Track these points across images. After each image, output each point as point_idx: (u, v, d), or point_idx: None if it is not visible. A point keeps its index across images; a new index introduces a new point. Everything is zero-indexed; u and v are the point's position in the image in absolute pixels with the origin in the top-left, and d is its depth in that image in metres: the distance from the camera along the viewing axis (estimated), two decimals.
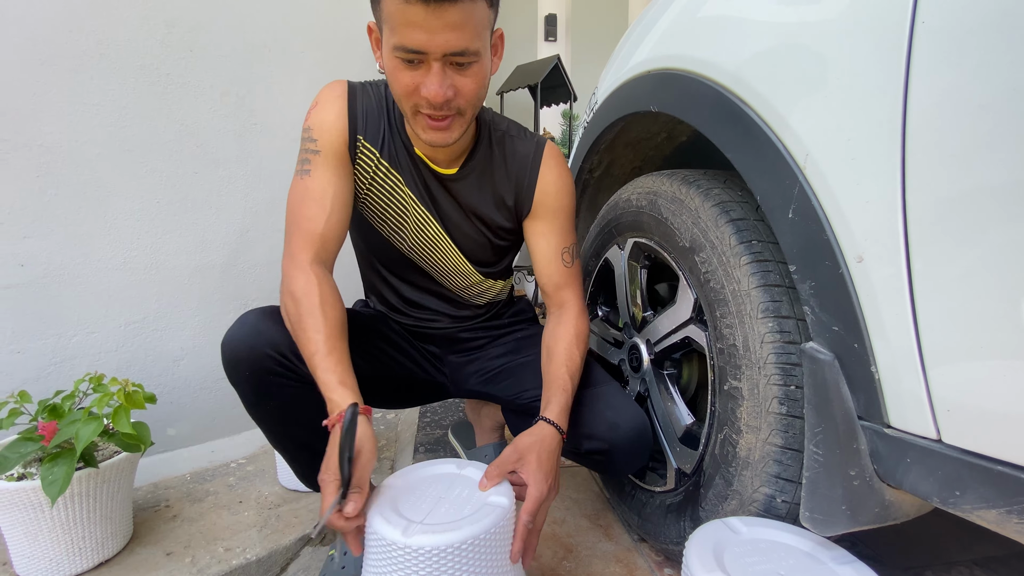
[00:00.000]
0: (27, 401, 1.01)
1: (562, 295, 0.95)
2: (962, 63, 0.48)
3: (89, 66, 1.21)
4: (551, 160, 0.94)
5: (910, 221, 0.52)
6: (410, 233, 0.94)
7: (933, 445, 0.52)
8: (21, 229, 1.15)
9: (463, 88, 0.74)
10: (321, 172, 0.85)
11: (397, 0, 0.67)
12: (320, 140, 0.85)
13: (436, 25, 0.68)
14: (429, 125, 0.77)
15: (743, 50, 0.73)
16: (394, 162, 0.90)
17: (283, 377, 0.83)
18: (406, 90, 0.74)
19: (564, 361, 0.88)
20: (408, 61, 0.72)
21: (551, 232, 0.95)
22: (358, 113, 0.87)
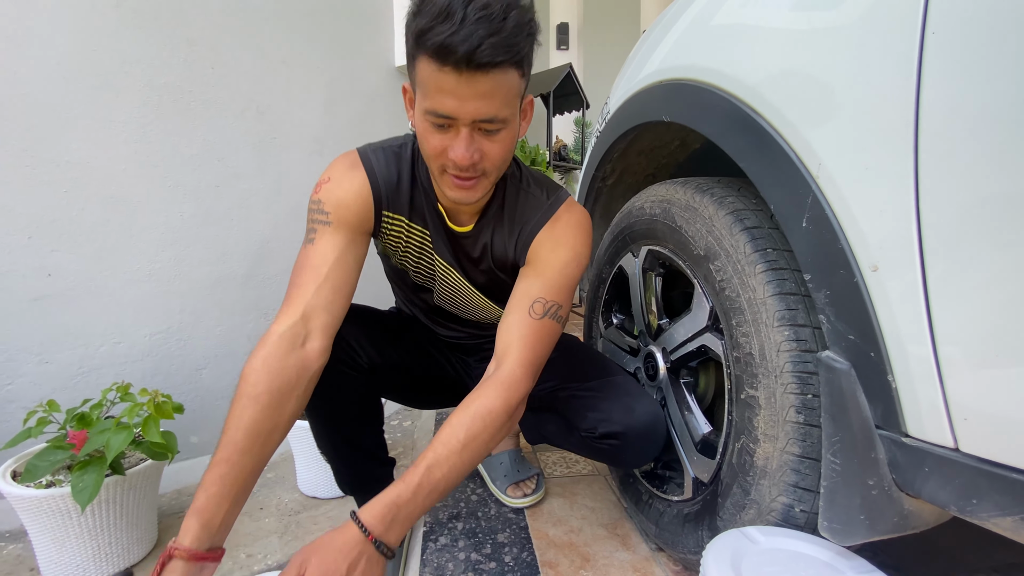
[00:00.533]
0: (55, 410, 1.04)
1: (507, 346, 0.81)
2: (973, 71, 0.48)
3: (114, 84, 1.25)
4: (558, 218, 0.89)
5: (924, 229, 0.52)
6: (438, 282, 0.99)
7: (950, 454, 0.52)
8: (49, 242, 1.19)
9: (489, 152, 0.76)
10: (326, 240, 0.83)
11: (431, 67, 0.68)
12: (333, 214, 0.84)
13: (467, 93, 0.69)
14: (455, 184, 0.78)
15: (755, 60, 0.74)
16: (422, 220, 0.92)
17: (345, 365, 0.90)
18: (435, 151, 0.76)
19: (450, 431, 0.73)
20: (438, 125, 0.73)
21: (530, 278, 0.87)
22: (380, 187, 0.87)
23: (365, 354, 0.92)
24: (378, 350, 0.95)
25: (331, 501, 1.31)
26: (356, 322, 0.91)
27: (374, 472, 1.03)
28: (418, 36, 0.68)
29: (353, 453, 0.98)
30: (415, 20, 0.68)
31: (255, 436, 0.72)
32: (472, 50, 0.65)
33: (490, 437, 0.75)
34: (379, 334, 0.96)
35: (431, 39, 0.66)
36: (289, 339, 0.76)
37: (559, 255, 0.87)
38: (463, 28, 0.65)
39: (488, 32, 0.65)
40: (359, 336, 0.92)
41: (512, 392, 0.78)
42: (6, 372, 1.16)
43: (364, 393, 0.95)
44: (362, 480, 1.02)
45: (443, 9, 0.65)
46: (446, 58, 0.66)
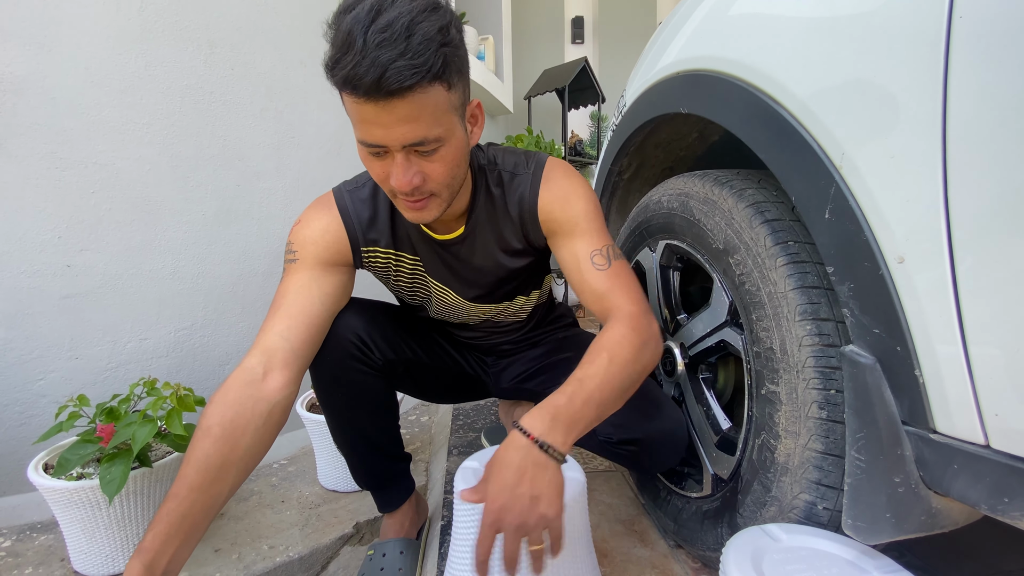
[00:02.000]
0: (85, 404, 1.07)
1: (606, 304, 0.82)
2: (1003, 54, 0.46)
3: (138, 87, 1.28)
4: (549, 176, 0.88)
5: (953, 220, 0.50)
6: (434, 302, 0.99)
7: (981, 451, 0.50)
8: (78, 242, 1.23)
9: (431, 173, 0.73)
10: (290, 278, 0.84)
11: (350, 100, 0.66)
12: (299, 251, 0.85)
13: (389, 120, 0.66)
14: (408, 206, 0.77)
15: (775, 49, 0.72)
16: (405, 245, 0.91)
17: (360, 362, 0.90)
18: (379, 178, 0.75)
19: (589, 357, 0.74)
20: (374, 154, 0.71)
21: (571, 242, 0.87)
22: (354, 224, 0.87)
23: (379, 351, 0.92)
24: (392, 347, 0.95)
25: (351, 494, 1.33)
26: (370, 318, 0.92)
27: (390, 467, 1.03)
28: (330, 69, 0.65)
29: (369, 449, 0.99)
30: (327, 52, 0.66)
31: (205, 471, 0.69)
32: (378, 79, 0.62)
33: (632, 356, 0.74)
34: (393, 330, 0.96)
35: (338, 72, 0.64)
36: (247, 373, 0.75)
37: (575, 207, 0.86)
38: (366, 57, 0.61)
39: (392, 56, 0.61)
40: (373, 333, 0.92)
41: (635, 321, 0.77)
42: (38, 368, 1.20)
43: (379, 390, 0.95)
44: (378, 475, 1.02)
45: (345, 39, 0.62)
46: (356, 89, 0.64)
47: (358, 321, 0.89)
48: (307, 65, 1.63)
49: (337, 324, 0.88)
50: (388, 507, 1.04)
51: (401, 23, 0.62)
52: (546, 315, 1.15)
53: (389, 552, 0.99)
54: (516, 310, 1.05)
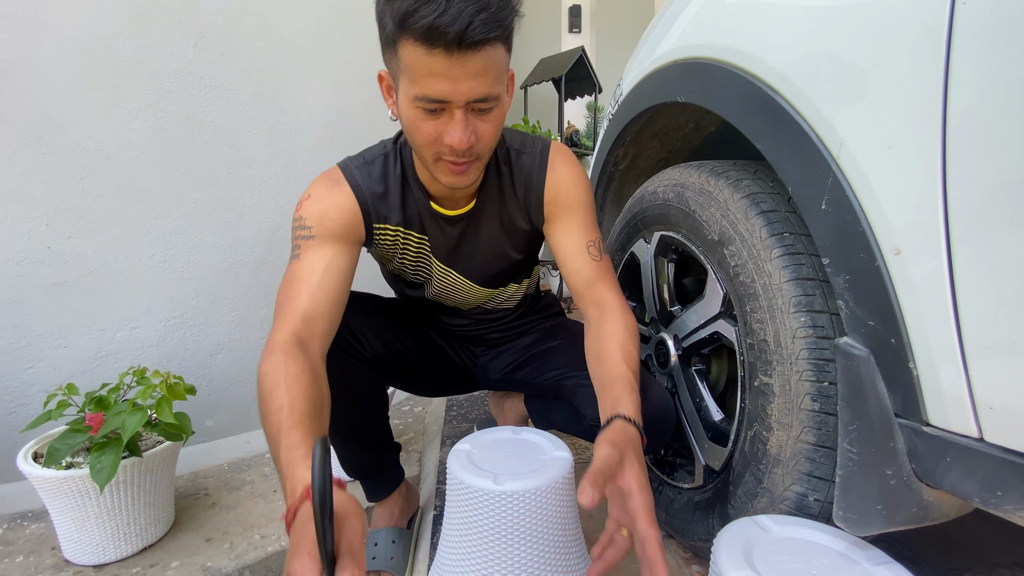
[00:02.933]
0: (74, 393, 1.06)
1: (596, 292, 0.88)
2: (1008, 43, 0.45)
3: (127, 71, 1.26)
4: (556, 160, 0.91)
5: (951, 212, 0.50)
6: (434, 281, 0.98)
7: (974, 444, 0.50)
8: (67, 229, 1.21)
9: (483, 133, 0.74)
10: (312, 254, 0.82)
11: (418, 51, 0.65)
12: (316, 227, 0.83)
13: (459, 74, 0.67)
14: (451, 170, 0.77)
15: (774, 37, 0.71)
16: (419, 226, 0.91)
17: (350, 356, 0.89)
18: (428, 139, 0.74)
19: (623, 357, 0.79)
20: (430, 111, 0.71)
21: (570, 228, 0.91)
22: (367, 201, 0.86)
23: (369, 345, 0.91)
24: (382, 340, 0.94)
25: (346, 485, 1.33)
26: (360, 311, 0.91)
27: (379, 457, 1.03)
28: (401, 20, 0.64)
29: (358, 440, 0.98)
30: (392, 4, 0.65)
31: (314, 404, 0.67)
32: (463, 29, 0.62)
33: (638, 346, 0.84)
34: (383, 323, 0.96)
35: (417, 22, 0.63)
36: (296, 343, 0.73)
37: (579, 195, 0.91)
38: (451, 7, 0.62)
39: (477, 8, 0.63)
40: (363, 326, 0.91)
41: (632, 315, 0.86)
42: (27, 356, 1.19)
43: (369, 383, 0.94)
44: (367, 465, 1.02)
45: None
46: (435, 40, 0.63)
47: (350, 315, 0.88)
48: (299, 50, 1.60)
49: None
50: (377, 496, 1.04)
51: None
52: (533, 304, 1.15)
53: (381, 541, 0.99)
54: (507, 298, 1.05)
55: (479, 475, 0.73)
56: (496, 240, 0.94)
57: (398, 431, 1.67)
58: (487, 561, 0.72)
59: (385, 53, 0.72)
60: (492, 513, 0.71)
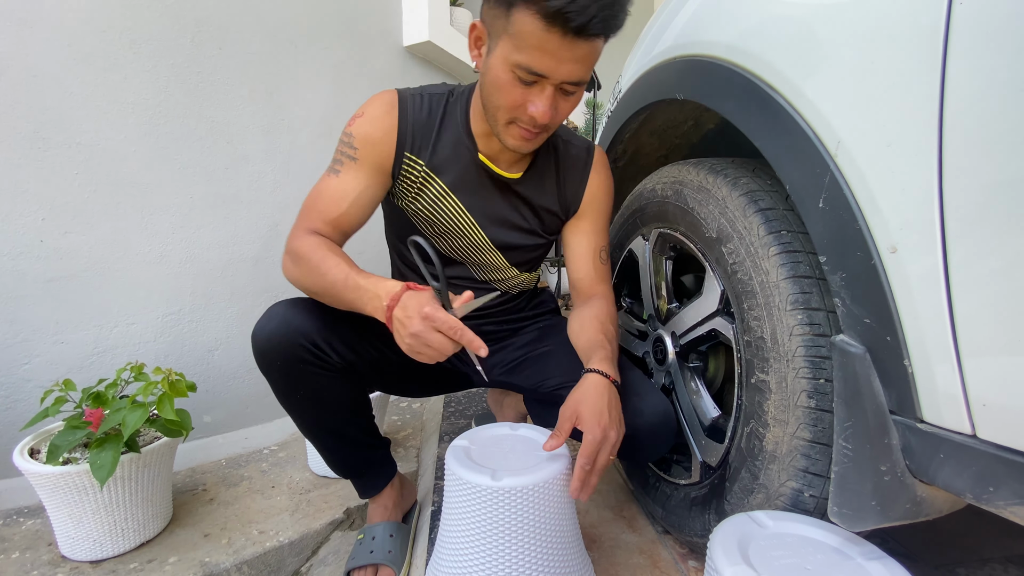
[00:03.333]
0: (71, 389, 1.06)
1: (594, 290, 0.98)
2: (1005, 43, 0.46)
3: (123, 65, 1.25)
4: (601, 164, 1.00)
5: (947, 210, 0.50)
6: (454, 236, 0.97)
7: (968, 440, 0.51)
8: (63, 224, 1.20)
9: (562, 111, 0.80)
10: (351, 176, 0.88)
11: (536, 24, 0.69)
12: (361, 149, 0.88)
13: (566, 56, 0.72)
14: (521, 135, 0.82)
15: (771, 35, 0.71)
16: (442, 170, 0.92)
17: (314, 366, 0.86)
18: (512, 103, 0.78)
19: (601, 330, 0.89)
20: (525, 81, 0.75)
21: (592, 231, 0.99)
22: (408, 128, 0.89)
23: (336, 353, 0.87)
24: (352, 348, 0.90)
25: (341, 480, 1.33)
26: (323, 321, 0.87)
27: (366, 456, 1.00)
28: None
29: (342, 444, 0.96)
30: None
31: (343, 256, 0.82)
32: (586, 22, 0.68)
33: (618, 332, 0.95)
34: (352, 330, 0.91)
35: (547, 2, 0.67)
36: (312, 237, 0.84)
37: (606, 203, 1.01)
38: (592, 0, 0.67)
39: (602, 5, 0.68)
40: (327, 334, 0.86)
41: (615, 307, 0.98)
42: (23, 352, 1.19)
43: (343, 390, 0.91)
44: (354, 465, 1.00)
45: None
46: (557, 22, 0.68)
47: (308, 323, 0.85)
48: (297, 46, 1.60)
49: (283, 327, 0.84)
50: (369, 492, 1.03)
51: None
52: (530, 300, 1.14)
53: (379, 535, 0.99)
54: (512, 284, 1.06)
55: (477, 471, 0.73)
56: (538, 211, 0.98)
57: (395, 426, 1.67)
58: (486, 556, 0.72)
59: (492, 8, 0.75)
60: (490, 509, 0.72)
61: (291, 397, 0.89)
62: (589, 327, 0.91)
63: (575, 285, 1.00)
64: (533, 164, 0.95)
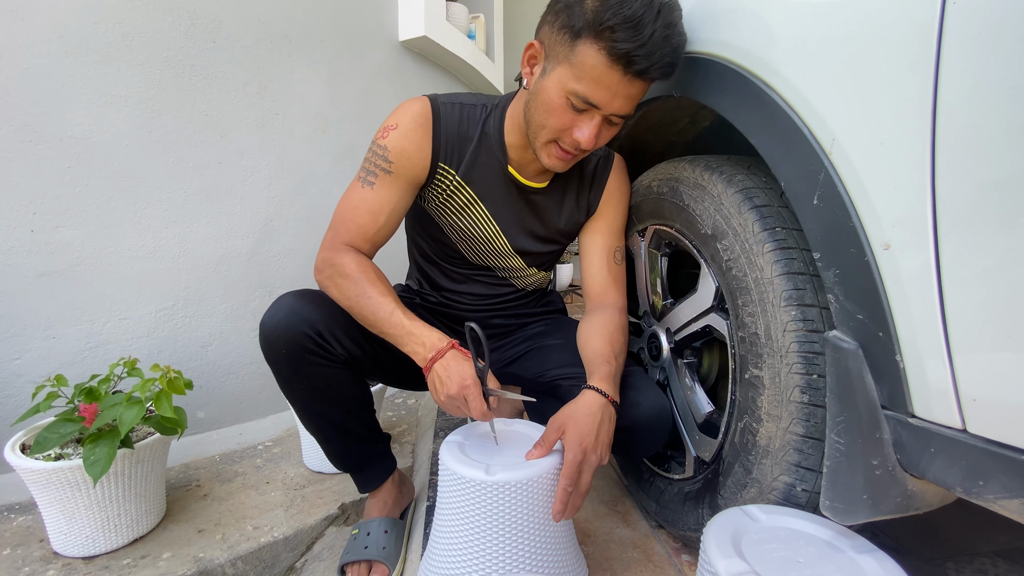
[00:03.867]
0: (63, 384, 1.05)
1: (608, 294, 0.99)
2: (997, 42, 0.46)
3: (116, 58, 1.24)
4: (619, 167, 1.03)
5: (939, 208, 0.51)
6: (477, 241, 0.99)
7: (958, 435, 0.51)
8: (54, 219, 1.19)
9: (603, 139, 0.84)
10: (386, 190, 0.90)
11: (601, 59, 0.74)
12: (396, 163, 0.89)
13: (623, 91, 0.77)
14: (559, 156, 0.86)
15: (768, 32, 0.71)
16: (473, 180, 0.94)
17: (319, 356, 0.87)
18: (560, 126, 0.82)
19: (608, 341, 0.90)
20: (577, 108, 0.79)
21: (607, 230, 1.02)
22: (441, 139, 0.91)
23: (340, 345, 0.88)
24: (356, 342, 0.90)
25: (337, 476, 1.33)
26: (329, 313, 0.88)
27: (367, 450, 1.01)
28: (600, 25, 0.72)
29: (343, 436, 0.96)
30: (600, 7, 0.72)
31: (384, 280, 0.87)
32: (650, 67, 0.74)
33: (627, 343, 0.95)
34: (354, 323, 0.90)
35: (617, 43, 0.72)
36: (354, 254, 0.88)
37: (623, 204, 1.04)
38: (650, 43, 0.72)
39: (664, 53, 0.74)
40: (332, 327, 0.87)
41: (626, 317, 0.98)
42: (14, 347, 1.18)
43: (346, 382, 0.92)
44: (355, 458, 1.00)
45: (633, 18, 0.71)
46: (620, 62, 0.73)
47: (315, 314, 0.86)
48: (292, 40, 1.59)
49: (290, 318, 0.85)
50: (368, 487, 1.04)
51: (676, 25, 0.75)
52: (539, 299, 1.16)
53: (373, 531, 1.00)
54: (528, 282, 1.08)
55: (471, 466, 0.74)
56: (559, 221, 1.00)
57: (391, 422, 1.67)
58: (480, 551, 0.72)
59: (556, 32, 0.78)
60: (484, 503, 0.72)
61: (295, 388, 0.90)
62: (597, 337, 0.91)
63: (588, 284, 1.02)
64: (557, 175, 0.98)
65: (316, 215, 1.68)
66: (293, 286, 1.62)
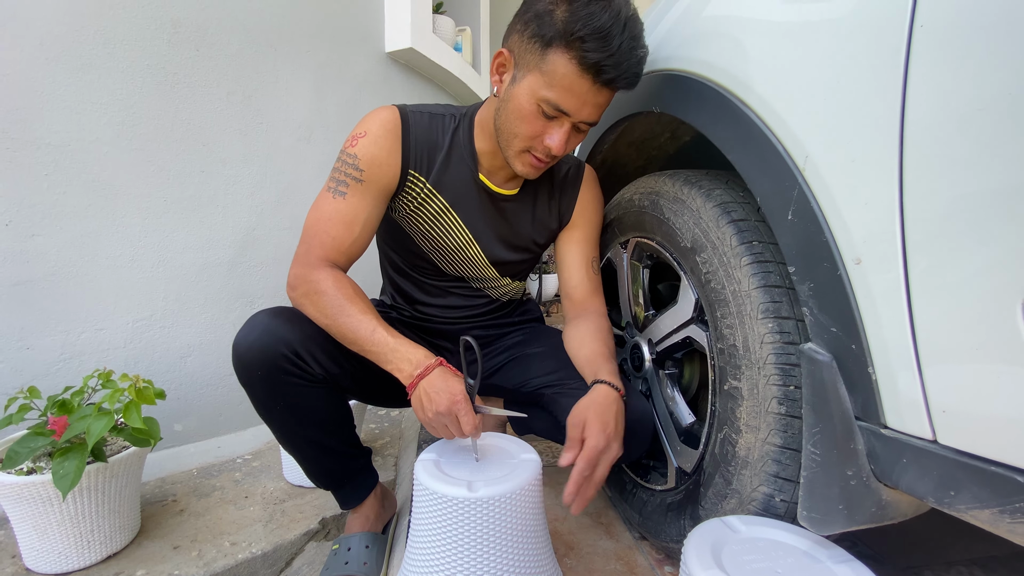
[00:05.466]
0: (36, 396, 1.02)
1: (590, 301, 1.02)
2: (961, 65, 0.48)
3: (96, 65, 1.23)
4: (591, 179, 1.06)
5: (908, 223, 0.52)
6: (449, 251, 0.99)
7: (928, 445, 0.52)
8: (30, 227, 1.17)
9: (572, 145, 0.86)
10: (357, 200, 0.89)
11: (571, 68, 0.76)
12: (367, 171, 0.88)
13: (592, 100, 0.79)
14: (531, 163, 0.87)
15: (744, 51, 0.73)
16: (443, 187, 0.94)
17: (296, 376, 0.85)
18: (530, 133, 0.83)
19: (603, 341, 0.94)
20: (548, 115, 0.81)
21: (584, 240, 1.04)
22: (411, 147, 0.91)
23: (318, 364, 0.86)
24: (334, 360, 0.89)
25: (317, 490, 1.31)
26: (306, 332, 0.86)
27: (347, 466, 0.99)
28: (570, 35, 0.74)
29: (323, 455, 0.94)
30: (570, 18, 0.74)
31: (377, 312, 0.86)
32: (617, 76, 0.76)
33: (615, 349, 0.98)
34: (334, 341, 0.88)
35: (587, 53, 0.74)
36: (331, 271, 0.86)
37: (597, 214, 1.06)
38: (618, 54, 0.75)
39: (630, 64, 0.77)
40: (309, 345, 0.85)
41: (609, 323, 1.02)
42: None
43: (324, 401, 0.89)
44: (335, 476, 0.98)
45: (602, 29, 0.73)
46: (591, 71, 0.75)
47: (291, 333, 0.84)
48: (277, 49, 1.59)
49: (265, 337, 0.83)
50: (349, 504, 1.02)
51: (639, 38, 0.78)
52: (516, 308, 1.16)
53: (354, 546, 0.98)
54: (502, 292, 1.08)
55: (452, 483, 0.73)
56: (530, 227, 1.01)
57: (373, 435, 1.65)
58: (460, 567, 0.72)
59: (526, 40, 0.79)
60: (466, 520, 0.71)
61: (272, 409, 0.87)
62: (591, 340, 0.94)
63: (569, 293, 1.04)
64: (527, 182, 0.99)
65: (299, 225, 1.65)
66: (275, 296, 1.61)
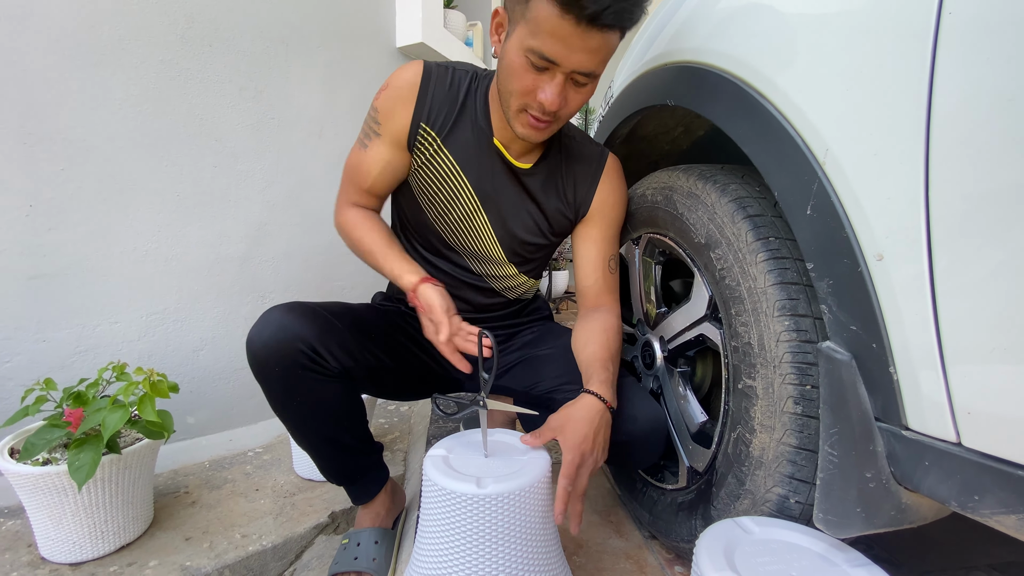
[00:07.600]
0: (52, 388, 1.04)
1: (603, 299, 1.00)
2: (990, 55, 0.46)
3: (111, 61, 1.23)
4: (614, 171, 1.00)
5: (933, 218, 0.51)
6: (454, 219, 0.97)
7: (952, 448, 0.51)
8: (46, 221, 1.18)
9: (572, 102, 0.81)
10: (377, 150, 0.94)
11: (552, 11, 0.70)
12: (384, 125, 0.92)
13: (579, 45, 0.72)
14: (530, 123, 0.83)
15: (762, 42, 0.71)
16: (457, 149, 0.93)
17: (312, 371, 0.84)
18: (523, 89, 0.79)
19: (605, 345, 0.90)
20: (538, 67, 0.76)
21: (602, 239, 1.00)
22: (427, 101, 0.91)
23: (335, 359, 0.86)
24: (350, 354, 0.88)
25: (326, 484, 1.32)
26: (322, 326, 0.86)
27: (360, 462, 0.99)
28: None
29: (336, 451, 0.94)
30: None
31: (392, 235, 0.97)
32: (600, 11, 0.69)
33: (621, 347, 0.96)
34: (352, 337, 0.90)
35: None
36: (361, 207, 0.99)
37: (619, 211, 1.01)
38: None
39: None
40: (326, 340, 0.85)
41: (620, 321, 0.98)
42: (3, 350, 1.16)
43: (339, 396, 0.89)
44: (348, 471, 0.98)
45: None
46: (572, 9, 0.69)
47: (309, 329, 0.84)
48: (288, 44, 1.59)
49: (281, 333, 0.83)
50: (362, 499, 1.02)
51: None
52: (526, 306, 1.14)
53: (363, 541, 0.98)
54: (512, 287, 1.06)
55: (461, 480, 0.73)
56: (544, 207, 0.98)
57: (383, 430, 1.66)
58: (469, 564, 0.71)
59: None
60: (476, 516, 0.71)
61: (288, 405, 0.87)
62: (594, 341, 0.91)
63: (583, 292, 1.01)
64: (544, 158, 0.96)
65: (311, 220, 1.67)
66: (287, 291, 1.61)
